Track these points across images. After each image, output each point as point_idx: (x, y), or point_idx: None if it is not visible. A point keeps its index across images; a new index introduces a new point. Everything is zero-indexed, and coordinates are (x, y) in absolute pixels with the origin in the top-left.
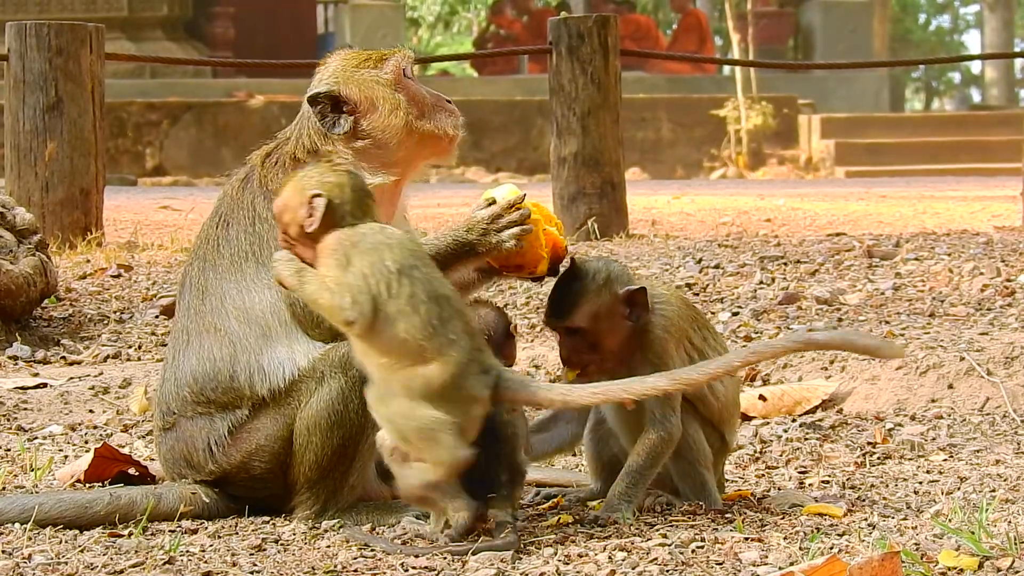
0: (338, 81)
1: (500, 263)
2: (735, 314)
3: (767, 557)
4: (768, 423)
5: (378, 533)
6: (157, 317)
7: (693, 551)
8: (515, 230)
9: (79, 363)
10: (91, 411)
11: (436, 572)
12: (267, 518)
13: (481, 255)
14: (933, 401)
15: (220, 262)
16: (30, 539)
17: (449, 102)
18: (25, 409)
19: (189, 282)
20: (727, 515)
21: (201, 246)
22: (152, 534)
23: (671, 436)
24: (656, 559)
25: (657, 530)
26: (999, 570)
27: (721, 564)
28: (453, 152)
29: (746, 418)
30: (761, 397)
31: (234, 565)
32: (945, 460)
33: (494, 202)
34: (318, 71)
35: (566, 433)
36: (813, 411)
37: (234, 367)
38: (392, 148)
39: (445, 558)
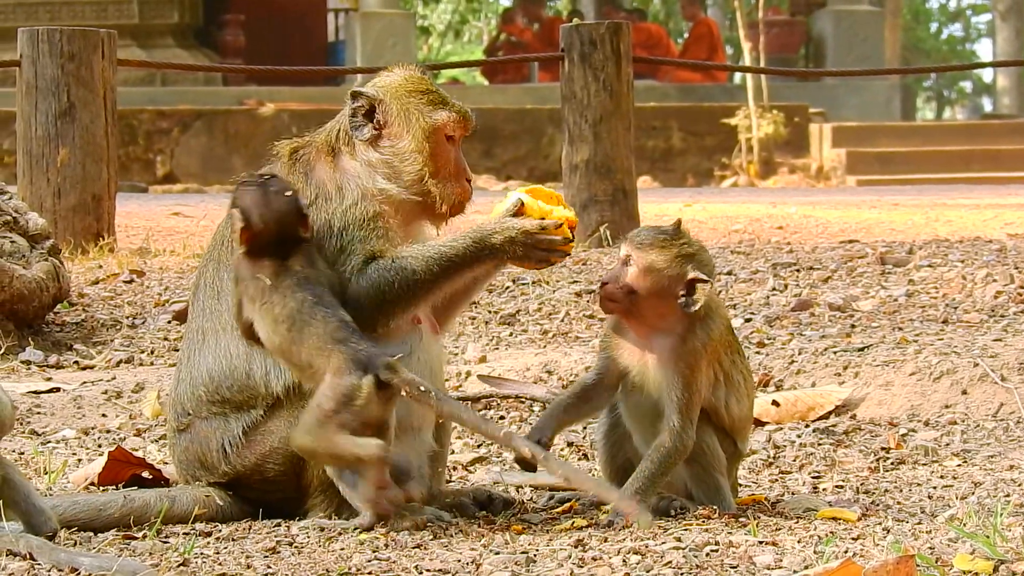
0: (387, 93)
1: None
2: (748, 320)
3: (782, 561)
4: (782, 428)
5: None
6: (169, 322)
7: (707, 555)
8: (539, 252)
9: (92, 368)
10: (104, 415)
11: (450, 574)
12: (281, 521)
13: (500, 262)
14: (947, 407)
15: (232, 261)
16: None
17: (469, 181)
18: (38, 413)
19: (203, 283)
20: (741, 519)
21: (215, 247)
22: (166, 537)
23: (685, 447)
24: (670, 562)
25: (671, 534)
26: (1014, 574)
27: (735, 568)
28: (441, 226)
29: (759, 423)
30: (774, 403)
31: (248, 567)
32: (959, 465)
33: (521, 204)
34: (381, 73)
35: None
36: (827, 416)
37: (250, 364)
38: (402, 183)
39: (459, 560)
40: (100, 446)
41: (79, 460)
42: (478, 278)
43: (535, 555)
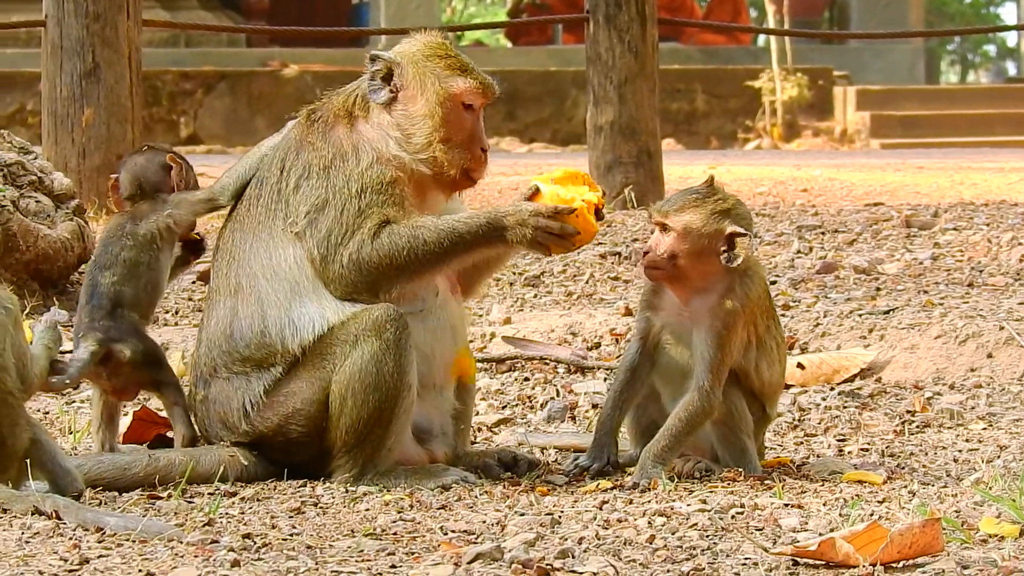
0: (405, 58)
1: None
2: (773, 283)
3: (807, 523)
4: (807, 391)
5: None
6: (194, 283)
7: (733, 517)
8: (551, 238)
9: None
10: None
11: (475, 535)
12: (305, 481)
13: (512, 244)
14: (972, 370)
15: (249, 221)
16: None
17: (484, 151)
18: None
19: (222, 244)
20: (767, 482)
21: (236, 207)
22: (191, 496)
23: (711, 407)
24: (696, 524)
25: (696, 496)
26: None
27: (761, 530)
28: (450, 195)
29: (785, 386)
30: (799, 365)
31: (273, 527)
32: (984, 429)
33: (536, 191)
34: (404, 40)
35: None
36: (852, 379)
37: (264, 322)
38: (412, 146)
39: (484, 521)
40: (125, 406)
41: None
42: (491, 258)
43: (560, 516)
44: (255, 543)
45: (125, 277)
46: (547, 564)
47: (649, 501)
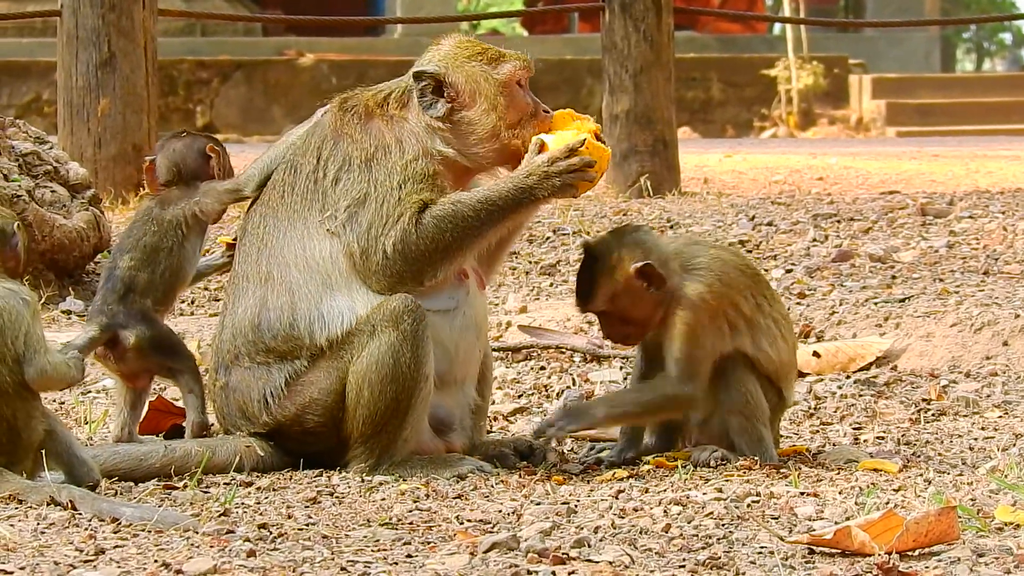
0: (447, 66)
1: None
2: (788, 271)
3: (823, 512)
4: (823, 379)
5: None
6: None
7: (749, 505)
8: (575, 175)
9: None
10: None
11: (491, 524)
12: (321, 471)
13: (542, 200)
14: (988, 358)
15: (283, 209)
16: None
17: (548, 112)
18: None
19: (250, 228)
20: (782, 470)
21: (267, 191)
22: (207, 487)
23: (679, 395)
24: (711, 513)
25: (712, 484)
26: None
27: (777, 519)
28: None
29: (800, 375)
30: (815, 354)
31: (289, 517)
32: (1000, 417)
33: (542, 144)
34: (430, 48)
35: None
36: (867, 368)
37: (294, 315)
38: (468, 144)
39: (500, 510)
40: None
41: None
42: (521, 222)
43: (576, 505)
44: (271, 533)
45: (143, 262)
46: (563, 553)
47: (665, 490)
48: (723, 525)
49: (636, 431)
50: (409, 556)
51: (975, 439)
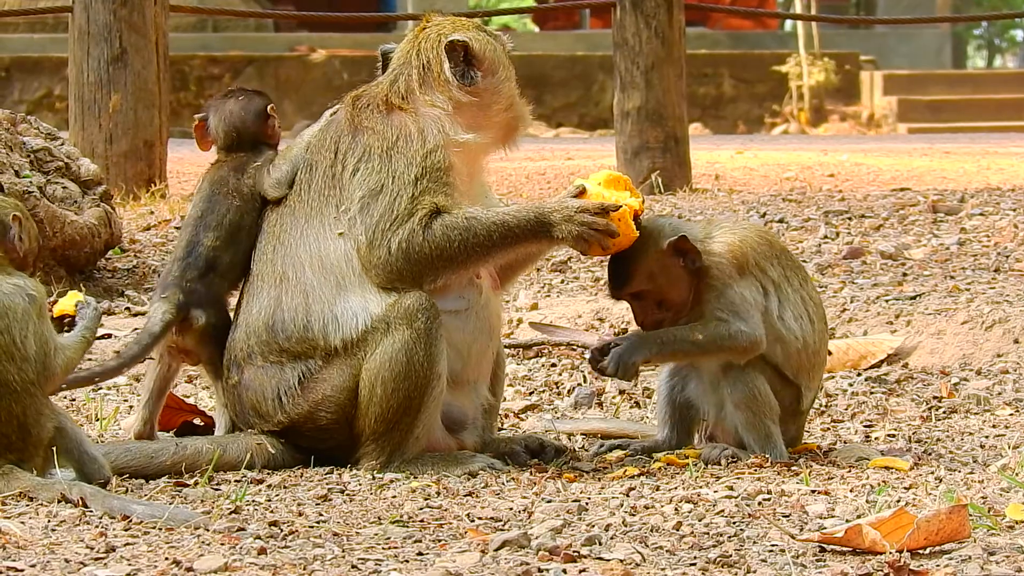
0: (470, 36)
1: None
2: None
3: (834, 510)
4: (834, 377)
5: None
6: None
7: (760, 503)
8: (593, 234)
9: (143, 314)
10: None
11: (502, 522)
12: (332, 468)
13: (555, 240)
14: (999, 356)
15: (300, 207)
16: None
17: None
18: (90, 359)
19: (267, 226)
20: (793, 468)
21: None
22: (218, 484)
23: (733, 335)
24: (723, 511)
25: (723, 482)
26: None
27: (788, 516)
28: (518, 143)
29: None
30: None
31: (300, 515)
32: (1011, 414)
33: (583, 190)
34: (426, 25)
35: None
36: (878, 365)
37: (308, 317)
38: (491, 114)
39: (511, 508)
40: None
41: (131, 407)
42: (533, 253)
43: (587, 503)
44: (282, 530)
45: (227, 242)
46: (574, 551)
47: (676, 488)
48: (734, 523)
49: (683, 423)
50: (420, 554)
51: (986, 437)
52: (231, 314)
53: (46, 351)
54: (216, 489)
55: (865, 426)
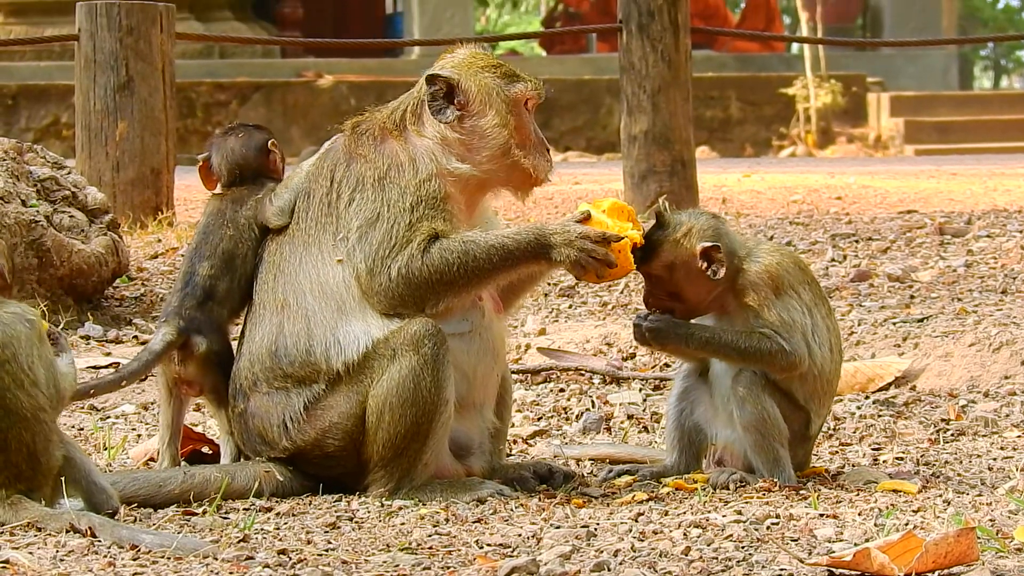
0: (460, 73)
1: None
2: None
3: (842, 533)
4: (841, 400)
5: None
6: None
7: (768, 528)
8: (590, 261)
9: None
10: None
11: (511, 548)
12: (341, 496)
13: (553, 263)
14: (1007, 378)
15: (299, 235)
16: None
17: (549, 151)
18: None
19: (267, 255)
20: (802, 492)
21: None
22: (226, 513)
23: (774, 352)
24: (731, 535)
25: (732, 507)
26: None
27: (796, 540)
28: (530, 195)
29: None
30: None
31: (309, 543)
32: (1019, 436)
33: (588, 215)
34: (443, 56)
35: None
36: (886, 388)
37: (310, 341)
38: (479, 159)
39: (520, 534)
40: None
41: (139, 436)
42: (534, 275)
43: (596, 529)
44: (290, 559)
45: (222, 270)
46: None
47: (684, 512)
48: (743, 547)
49: (692, 447)
50: None
51: (994, 459)
52: (233, 343)
53: (54, 375)
54: (225, 517)
55: (873, 449)
